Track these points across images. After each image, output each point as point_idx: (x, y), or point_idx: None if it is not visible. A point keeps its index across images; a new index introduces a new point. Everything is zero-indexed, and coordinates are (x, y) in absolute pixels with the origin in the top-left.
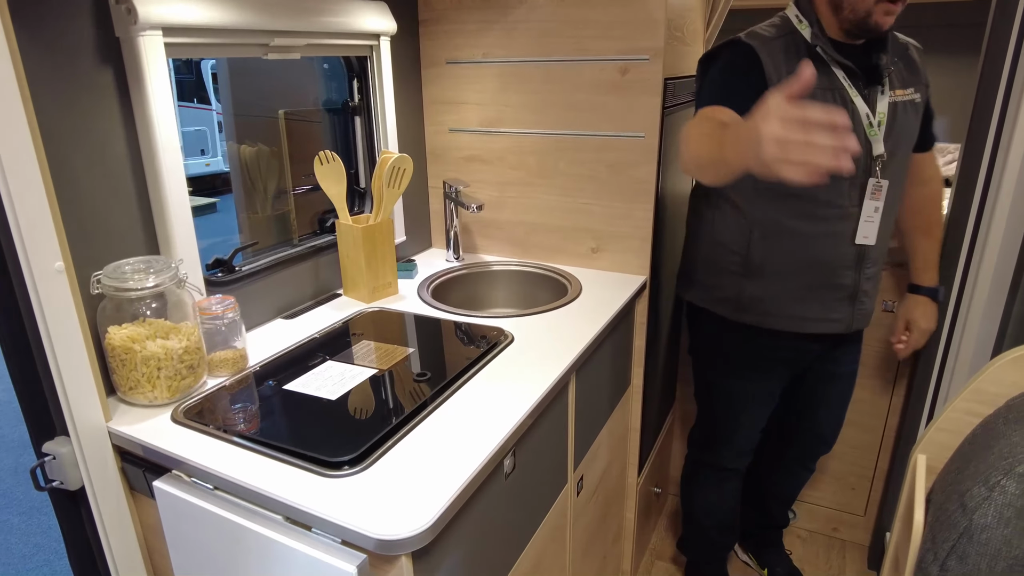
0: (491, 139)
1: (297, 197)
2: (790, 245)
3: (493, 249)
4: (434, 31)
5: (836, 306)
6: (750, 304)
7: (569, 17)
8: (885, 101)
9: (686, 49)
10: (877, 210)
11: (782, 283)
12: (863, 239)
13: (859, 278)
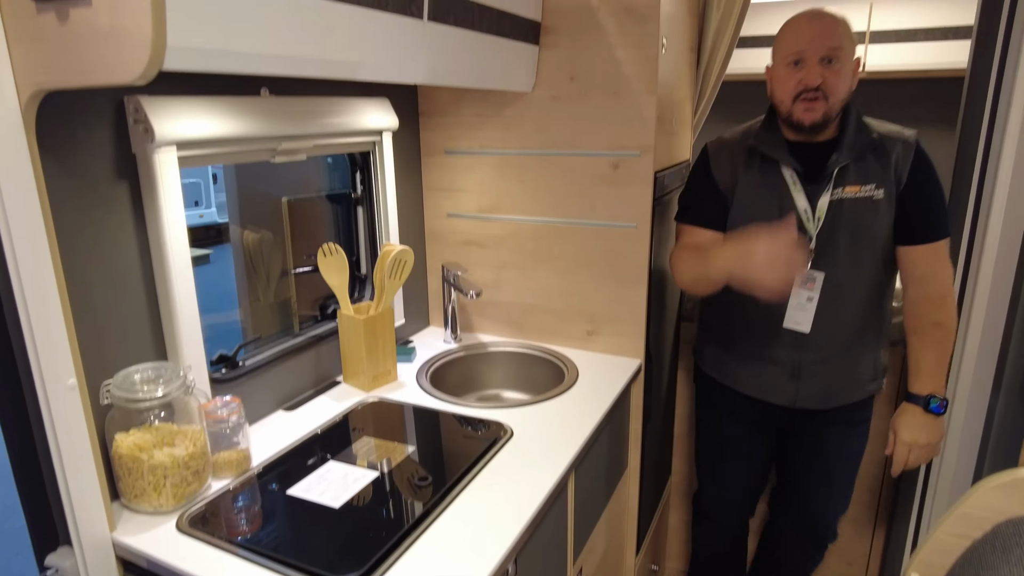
0: (489, 224)
1: (299, 280)
2: (733, 317)
3: (490, 328)
4: (433, 123)
5: (778, 380)
6: (711, 360)
7: (563, 113)
8: (827, 199)
9: (675, 139)
10: (810, 300)
11: (729, 347)
12: (794, 324)
13: (799, 359)
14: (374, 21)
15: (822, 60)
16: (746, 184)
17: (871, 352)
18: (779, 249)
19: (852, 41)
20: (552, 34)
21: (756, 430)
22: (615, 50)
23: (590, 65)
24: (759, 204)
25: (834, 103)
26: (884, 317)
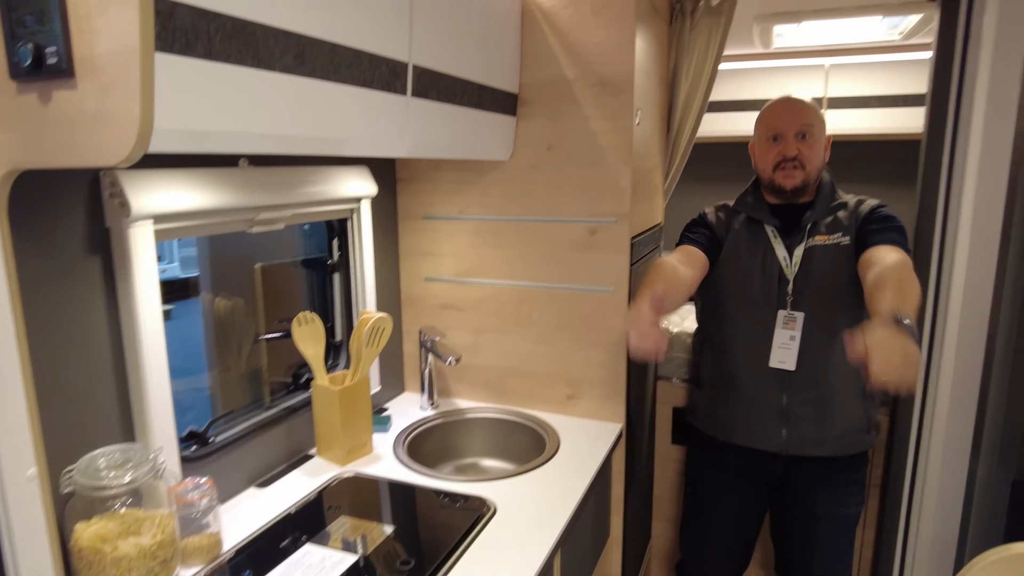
0: (467, 288)
1: (270, 346)
2: (724, 361)
3: (468, 393)
4: (412, 188)
5: (768, 423)
6: (703, 413)
7: (541, 180)
8: (802, 248)
9: (649, 204)
10: (793, 339)
11: (721, 393)
12: (779, 363)
13: (788, 400)
14: (361, 99)
15: (797, 135)
16: (736, 236)
17: (861, 402)
18: (635, 322)
19: (821, 121)
20: (529, 105)
21: (747, 489)
22: (591, 121)
23: (567, 135)
24: (745, 251)
25: (810, 171)
26: None
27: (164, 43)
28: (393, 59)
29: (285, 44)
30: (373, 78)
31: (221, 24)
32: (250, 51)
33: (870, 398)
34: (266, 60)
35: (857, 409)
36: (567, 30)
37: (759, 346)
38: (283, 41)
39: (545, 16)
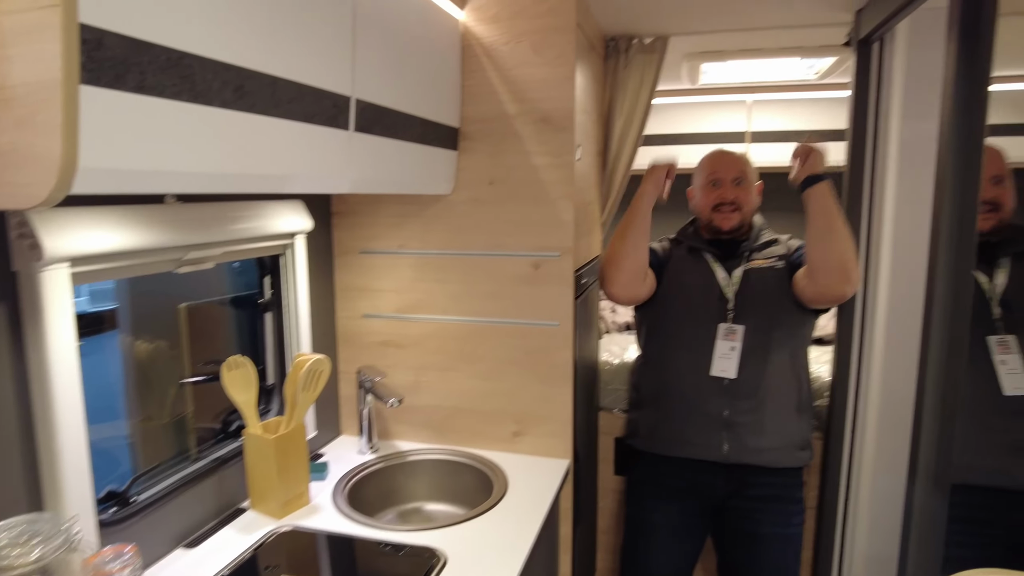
0: (408, 325)
1: (196, 391)
2: (665, 374)
3: (410, 434)
4: (348, 222)
5: (711, 433)
6: (646, 432)
7: (484, 215)
8: (740, 269)
9: (588, 238)
10: (733, 349)
11: (663, 408)
12: (720, 372)
13: (730, 410)
14: (303, 134)
15: (733, 181)
16: (678, 260)
17: (797, 418)
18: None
19: (753, 170)
20: (471, 140)
21: (691, 510)
22: (533, 157)
23: (509, 170)
24: (688, 272)
25: (746, 213)
26: (801, 387)
27: (91, 75)
28: (336, 93)
29: (224, 77)
30: (315, 113)
31: (155, 56)
32: (186, 85)
33: (803, 415)
34: (204, 94)
35: (792, 424)
36: (508, 66)
37: (700, 359)
38: (222, 74)
39: (486, 52)
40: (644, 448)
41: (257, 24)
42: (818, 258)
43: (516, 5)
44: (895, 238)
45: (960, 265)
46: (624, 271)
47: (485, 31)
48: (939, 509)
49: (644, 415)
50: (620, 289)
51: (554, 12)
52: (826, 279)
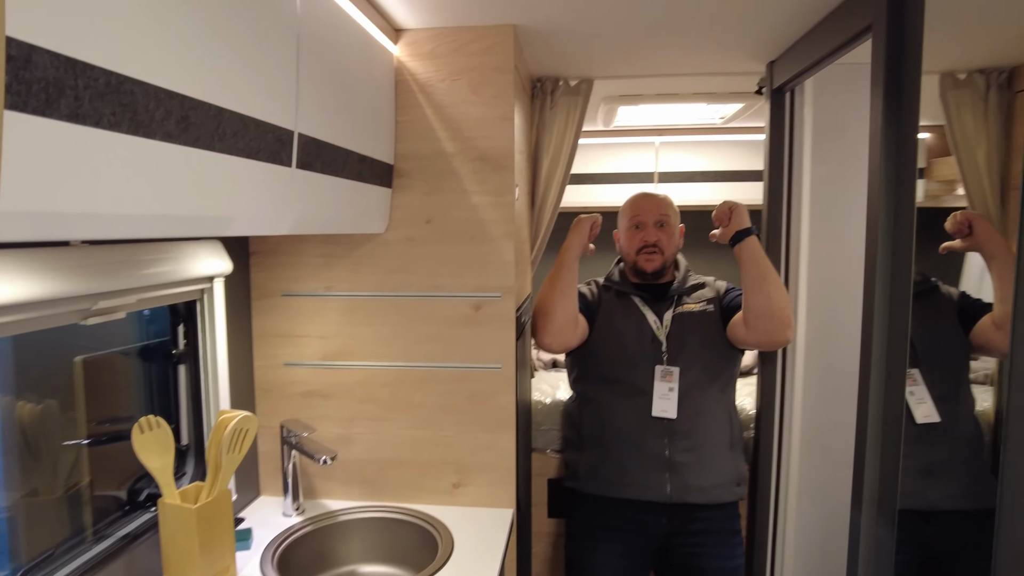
0: (335, 373)
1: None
2: (607, 416)
3: (339, 492)
4: (268, 263)
5: (652, 474)
6: (586, 473)
7: (420, 255)
8: (671, 313)
9: (522, 278)
10: (672, 390)
11: (605, 450)
12: (661, 412)
13: (671, 450)
14: (247, 172)
15: (656, 224)
16: (608, 305)
17: (731, 453)
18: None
19: (676, 213)
20: (406, 177)
21: (633, 551)
22: (472, 196)
23: (447, 209)
24: (619, 317)
25: (668, 255)
26: (733, 424)
27: (17, 99)
28: (279, 127)
29: (168, 107)
30: (259, 148)
31: (93, 78)
32: (127, 113)
33: (736, 450)
34: (145, 125)
35: (728, 460)
36: (445, 104)
37: (639, 400)
38: (165, 103)
39: (421, 88)
40: (585, 489)
41: (202, 48)
42: (756, 307)
43: (453, 43)
44: (810, 273)
45: (896, 299)
46: (555, 321)
47: (420, 67)
48: (886, 535)
49: (584, 456)
50: (552, 339)
51: (492, 51)
52: (767, 326)
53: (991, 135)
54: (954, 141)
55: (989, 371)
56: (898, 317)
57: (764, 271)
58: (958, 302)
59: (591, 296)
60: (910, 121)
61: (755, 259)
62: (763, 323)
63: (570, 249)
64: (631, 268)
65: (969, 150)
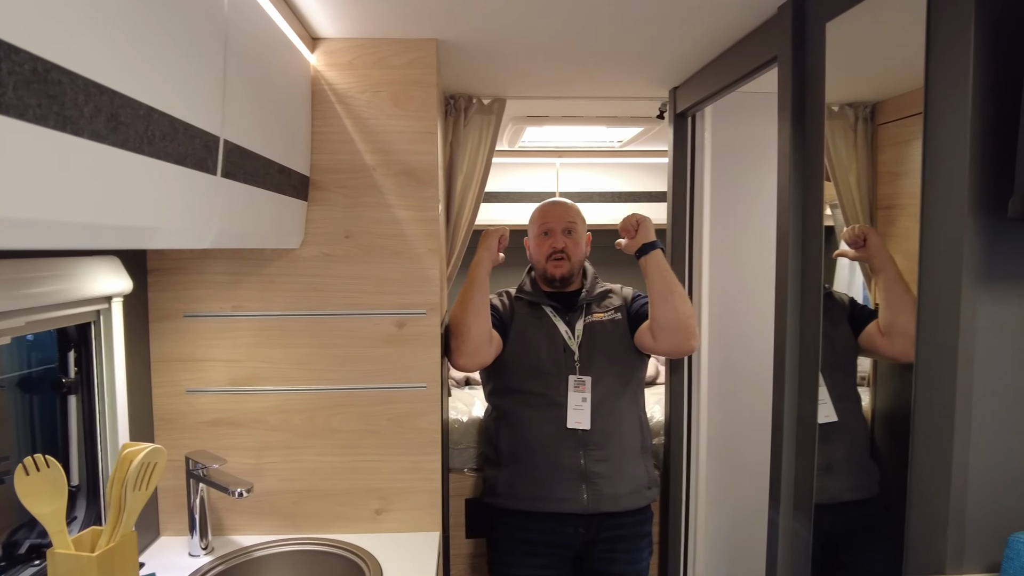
0: (245, 399)
1: None
2: (523, 431)
3: (251, 527)
4: (167, 281)
5: (569, 486)
6: (505, 489)
7: (339, 271)
8: (582, 323)
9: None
10: (585, 400)
11: (522, 465)
12: (576, 424)
13: (586, 460)
14: (175, 179)
15: (564, 231)
16: (521, 317)
17: (642, 459)
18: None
19: (583, 220)
20: (323, 190)
21: (553, 560)
22: (395, 210)
23: (368, 224)
24: (531, 329)
25: (575, 262)
26: (644, 429)
27: None
28: (207, 132)
29: (97, 103)
30: (187, 154)
31: (18, 63)
32: (54, 107)
33: (646, 455)
34: (74, 121)
35: (640, 466)
36: (365, 116)
37: (554, 412)
38: (95, 98)
39: (340, 99)
40: (504, 505)
41: (132, 40)
42: (663, 319)
43: (373, 55)
44: (711, 287)
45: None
46: (470, 341)
47: (339, 78)
48: (803, 529)
49: (502, 472)
50: (468, 359)
51: (414, 65)
52: (674, 336)
53: (860, 161)
54: (831, 166)
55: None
56: (809, 324)
57: (670, 284)
58: (849, 308)
59: (503, 308)
60: (816, 142)
61: (661, 272)
62: (669, 334)
63: (480, 265)
64: (541, 276)
65: (843, 174)
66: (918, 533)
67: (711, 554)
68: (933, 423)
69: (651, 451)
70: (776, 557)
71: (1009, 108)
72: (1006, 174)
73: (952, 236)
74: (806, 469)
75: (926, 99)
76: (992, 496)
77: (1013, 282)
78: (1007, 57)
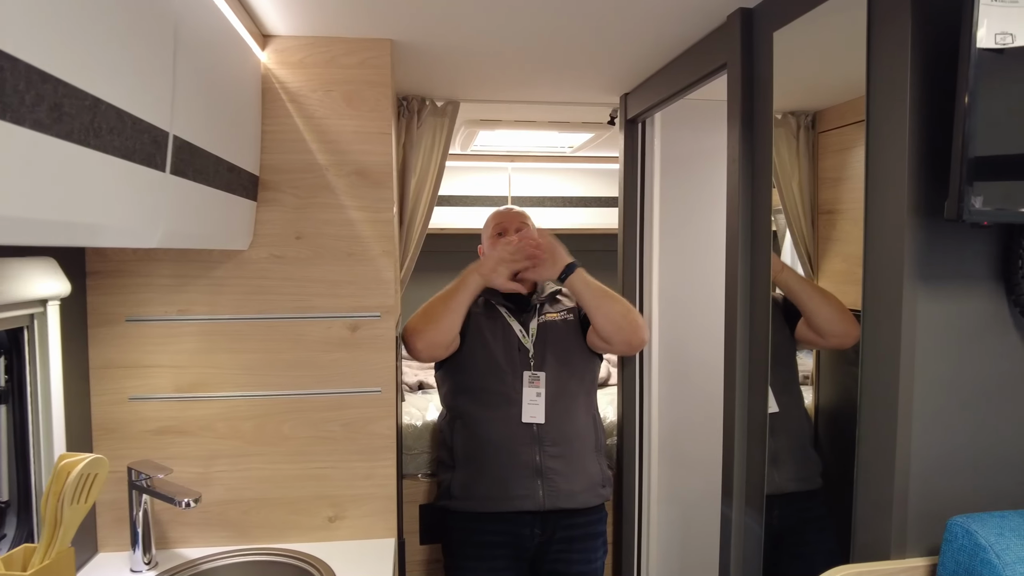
0: (191, 406)
1: None
2: (478, 430)
3: (197, 539)
4: (108, 284)
5: (525, 483)
6: (460, 491)
7: (289, 274)
8: (536, 322)
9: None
10: (539, 395)
11: (477, 464)
12: (531, 418)
13: (540, 456)
14: (121, 174)
15: (516, 231)
16: (476, 317)
17: (597, 457)
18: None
19: (533, 226)
20: (273, 190)
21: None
22: (348, 211)
23: (320, 225)
24: (487, 328)
25: None
26: (597, 427)
27: None
28: (156, 126)
29: (40, 90)
30: (135, 148)
31: None
32: None
33: (600, 454)
34: (14, 110)
35: (594, 464)
36: (318, 115)
37: (509, 409)
38: (37, 86)
39: (292, 98)
40: (460, 508)
41: (78, 25)
42: (604, 325)
43: (325, 53)
44: (661, 289)
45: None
46: (439, 332)
47: (290, 76)
48: (755, 522)
49: (457, 475)
50: (426, 346)
51: (367, 65)
52: (620, 337)
53: (802, 168)
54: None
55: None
56: (758, 322)
57: (598, 296)
58: (782, 304)
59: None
60: (764, 145)
61: (587, 286)
62: (616, 335)
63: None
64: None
65: (786, 180)
66: (863, 518)
67: (663, 551)
68: (877, 414)
69: (604, 450)
70: (729, 550)
71: (945, 114)
72: (942, 177)
73: (894, 236)
74: (757, 464)
75: (868, 106)
76: (932, 483)
77: (949, 280)
78: (942, 65)
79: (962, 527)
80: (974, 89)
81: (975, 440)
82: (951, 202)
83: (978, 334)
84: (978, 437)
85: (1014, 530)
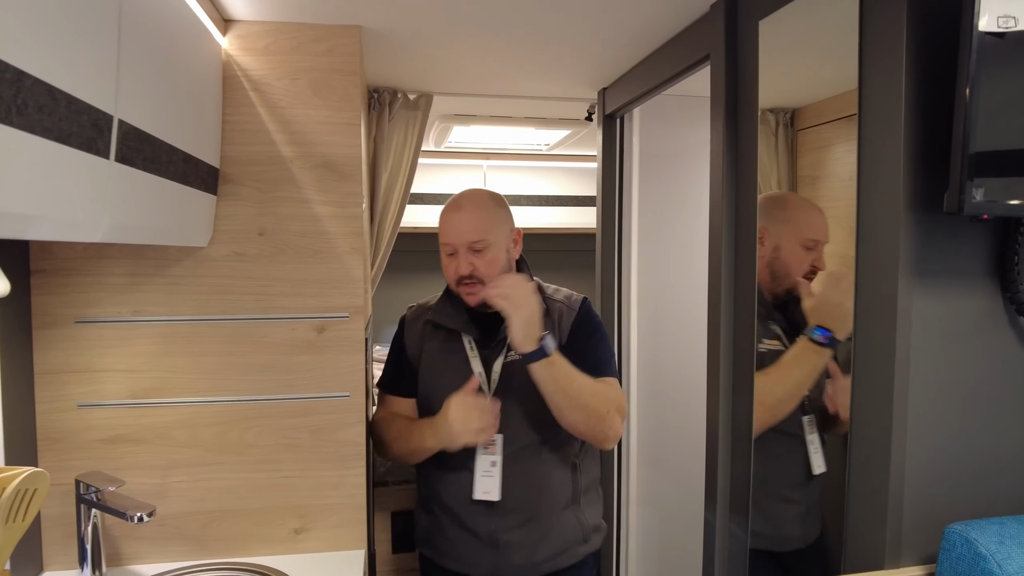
0: (146, 413)
1: None
2: (433, 483)
3: (154, 555)
4: (55, 283)
5: (479, 551)
6: (423, 538)
7: (252, 272)
8: (500, 362)
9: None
10: (495, 464)
11: (436, 519)
12: (483, 494)
13: (495, 527)
14: (55, 159)
15: (469, 248)
16: (431, 351)
17: (573, 513)
18: (467, 405)
19: (497, 223)
20: (234, 184)
21: None
22: (314, 206)
23: (284, 220)
24: (441, 369)
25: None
26: (577, 475)
27: None
28: (97, 108)
29: None
30: (71, 131)
31: None
32: None
33: (585, 499)
34: None
35: (569, 519)
36: (282, 105)
37: (462, 474)
38: None
39: (254, 86)
40: (424, 553)
41: None
42: (573, 428)
43: (291, 40)
44: (640, 292)
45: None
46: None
47: (253, 63)
48: (739, 530)
49: (423, 517)
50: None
51: (336, 52)
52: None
53: (781, 166)
54: None
55: None
56: (743, 324)
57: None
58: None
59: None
60: (749, 139)
61: (553, 381)
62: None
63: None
64: (457, 298)
65: (765, 177)
66: (856, 526)
67: (642, 557)
68: (871, 418)
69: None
70: (713, 558)
71: (943, 104)
72: (938, 170)
73: (888, 232)
74: (742, 470)
75: (860, 98)
76: (927, 487)
77: (946, 277)
78: (938, 53)
79: (961, 535)
80: (975, 75)
81: (971, 443)
82: (951, 194)
83: (973, 332)
84: (974, 440)
85: (1014, 537)
